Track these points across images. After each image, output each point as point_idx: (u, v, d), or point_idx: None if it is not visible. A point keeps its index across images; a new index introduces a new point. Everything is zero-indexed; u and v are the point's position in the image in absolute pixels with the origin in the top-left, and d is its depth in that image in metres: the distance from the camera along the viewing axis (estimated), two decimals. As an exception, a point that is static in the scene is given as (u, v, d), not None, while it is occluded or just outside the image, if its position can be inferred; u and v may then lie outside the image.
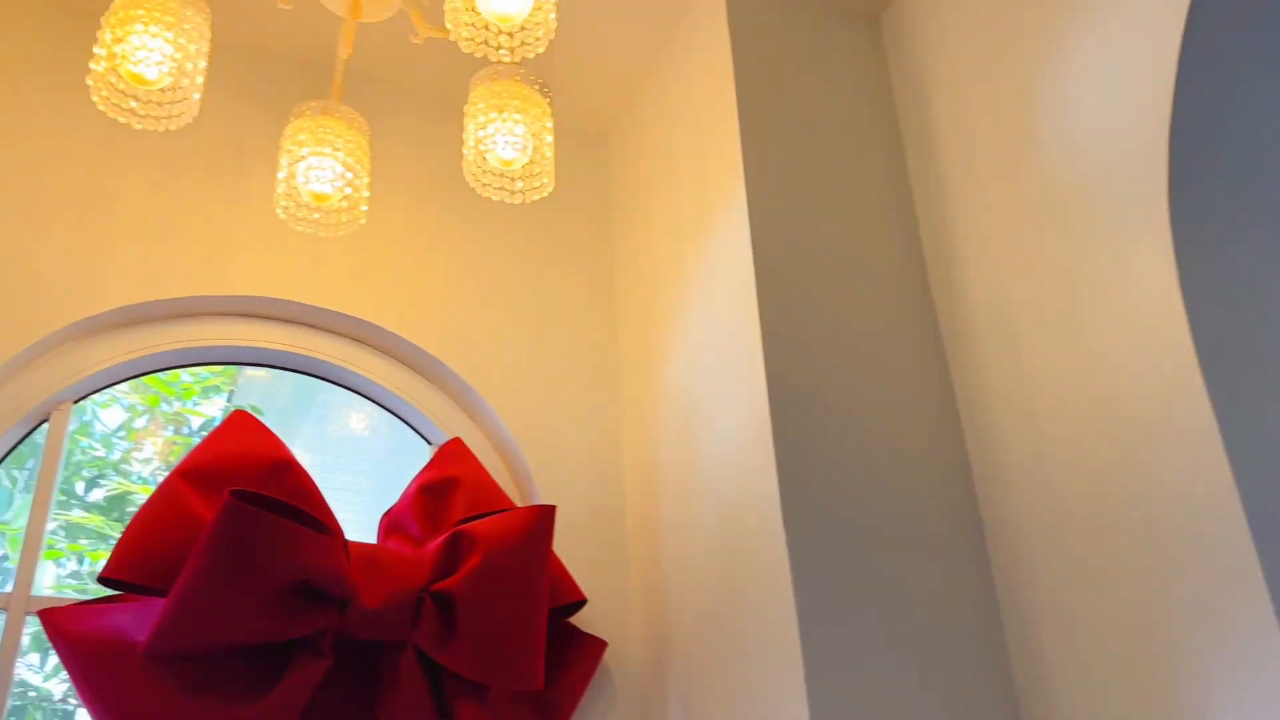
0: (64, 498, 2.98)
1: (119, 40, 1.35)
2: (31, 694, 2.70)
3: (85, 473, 3.09)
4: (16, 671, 2.70)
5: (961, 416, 1.73)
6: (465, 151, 1.58)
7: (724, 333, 1.75)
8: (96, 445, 3.13)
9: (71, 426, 3.08)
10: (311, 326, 1.97)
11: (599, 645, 1.81)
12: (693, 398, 1.84)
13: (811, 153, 1.84)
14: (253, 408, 3.21)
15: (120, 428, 3.22)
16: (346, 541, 1.63)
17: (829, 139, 1.87)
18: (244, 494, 1.45)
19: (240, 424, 1.71)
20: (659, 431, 1.95)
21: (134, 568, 1.50)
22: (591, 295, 2.21)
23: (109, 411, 3.25)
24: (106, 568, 1.49)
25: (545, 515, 1.67)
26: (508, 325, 2.09)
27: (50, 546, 2.70)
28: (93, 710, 1.45)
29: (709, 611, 1.68)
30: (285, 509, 1.50)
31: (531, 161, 1.60)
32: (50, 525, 2.85)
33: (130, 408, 3.22)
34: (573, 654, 1.78)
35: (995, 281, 1.69)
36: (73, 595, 1.61)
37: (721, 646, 1.63)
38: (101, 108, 1.39)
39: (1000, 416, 1.64)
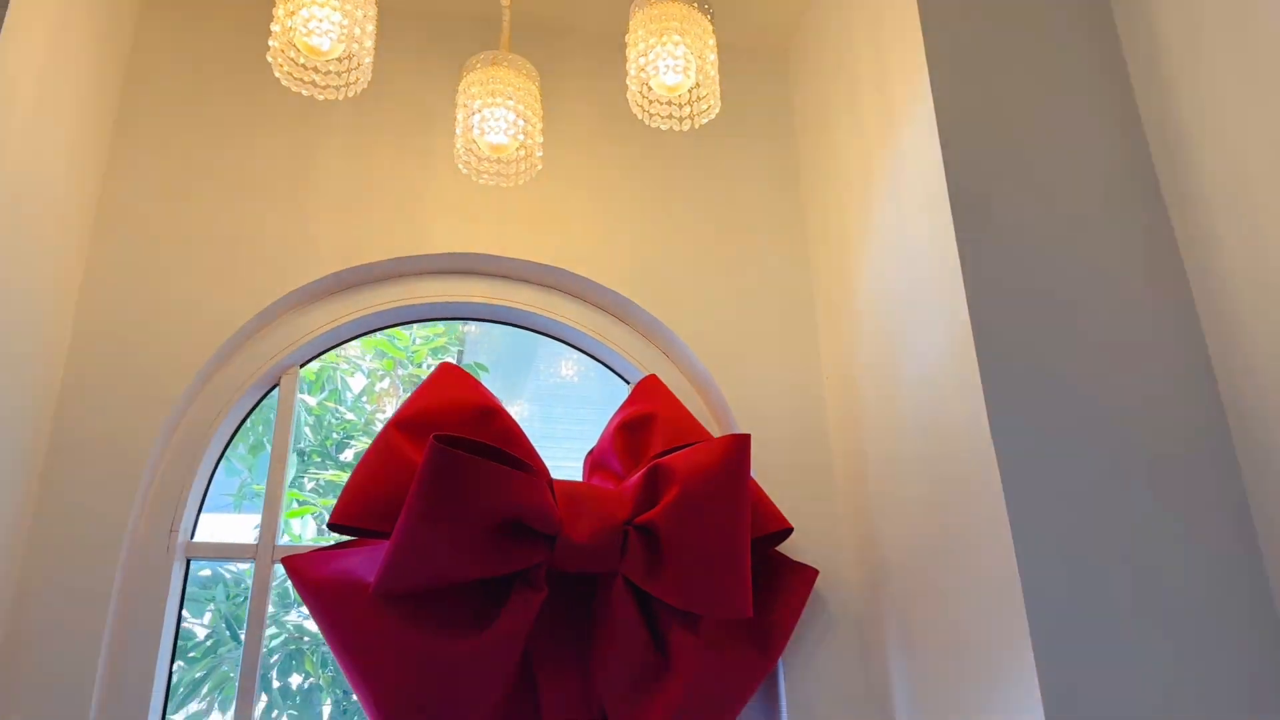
0: (319, 459, 3.25)
1: (291, 14, 1.42)
2: (305, 639, 2.98)
3: (335, 435, 3.36)
4: (292, 618, 2.98)
5: (1198, 306, 1.55)
6: (628, 82, 1.56)
7: (918, 245, 1.65)
8: (346, 411, 3.39)
9: (322, 394, 3.36)
10: (506, 277, 2.02)
11: (810, 573, 1.78)
12: (889, 315, 1.75)
13: (1005, 44, 1.68)
14: (479, 365, 3.37)
15: (363, 393, 3.47)
16: (551, 480, 1.67)
17: (1025, 27, 1.71)
18: (446, 438, 1.51)
19: (448, 376, 1.78)
20: (857, 353, 1.87)
21: (357, 513, 1.60)
22: (779, 219, 2.14)
23: (353, 379, 3.51)
24: (333, 515, 1.60)
25: (740, 443, 1.64)
26: (695, 258, 2.07)
27: (305, 503, 2.95)
28: (334, 646, 1.57)
29: (921, 532, 1.61)
30: (487, 450, 1.55)
31: (696, 84, 1.56)
32: (309, 485, 3.12)
33: (370, 373, 3.46)
34: (784, 583, 1.76)
35: (1230, 156, 1.50)
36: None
37: (936, 568, 1.56)
38: (285, 82, 1.47)
39: (1243, 302, 1.46)
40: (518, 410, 3.43)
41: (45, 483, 1.65)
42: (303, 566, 1.62)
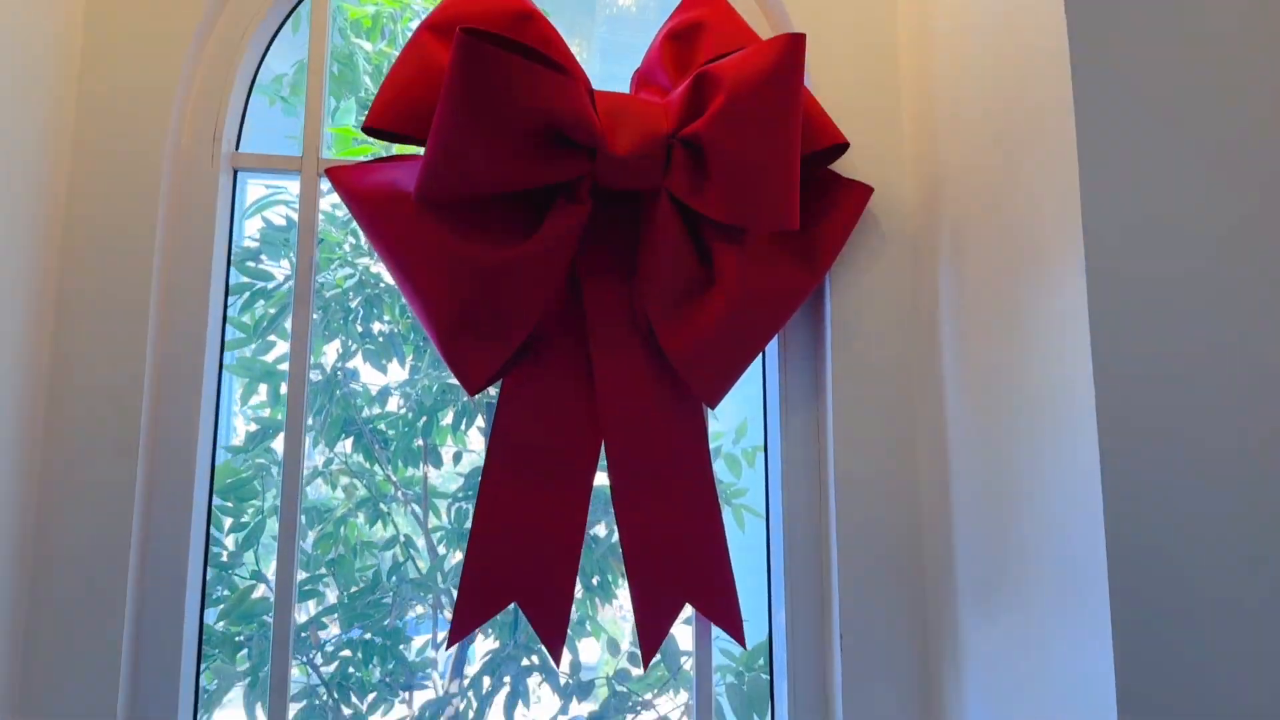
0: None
1: None
2: (381, 285, 3.06)
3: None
4: (368, 262, 3.05)
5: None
6: None
7: None
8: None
9: (381, 42, 3.24)
10: (544, -126, 1.83)
11: (863, 190, 1.71)
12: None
13: None
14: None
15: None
16: (593, 90, 1.59)
17: None
18: (475, 31, 1.43)
19: (483, -23, 1.66)
20: (933, -50, 1.69)
21: (390, 116, 1.56)
22: None
23: (411, 26, 3.38)
24: (367, 119, 1.56)
25: (794, 44, 1.52)
26: None
27: (364, 143, 2.93)
28: (382, 255, 1.59)
29: (982, 144, 1.52)
30: (521, 49, 1.47)
31: None
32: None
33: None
34: (835, 199, 1.70)
35: None
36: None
37: (995, 178, 1.47)
38: None
39: None
40: (578, 52, 3.28)
41: (82, 88, 1.63)
42: (348, 177, 1.62)
